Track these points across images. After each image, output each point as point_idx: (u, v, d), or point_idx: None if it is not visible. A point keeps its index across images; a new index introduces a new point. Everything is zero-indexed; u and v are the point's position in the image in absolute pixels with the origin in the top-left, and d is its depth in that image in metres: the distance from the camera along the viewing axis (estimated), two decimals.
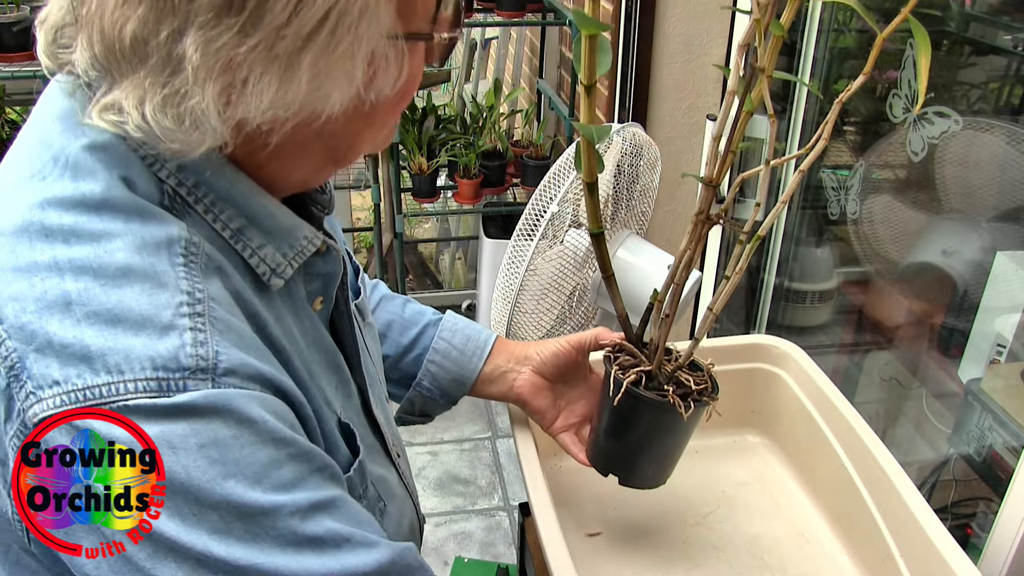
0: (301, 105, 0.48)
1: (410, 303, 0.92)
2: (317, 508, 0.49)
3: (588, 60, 0.62)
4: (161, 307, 0.46)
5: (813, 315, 1.85)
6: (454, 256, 3.43)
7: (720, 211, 0.74)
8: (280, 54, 0.46)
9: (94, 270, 0.46)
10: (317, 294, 0.61)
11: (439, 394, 0.89)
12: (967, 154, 1.32)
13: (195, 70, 0.45)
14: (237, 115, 0.47)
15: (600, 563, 0.93)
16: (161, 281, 0.47)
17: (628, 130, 1.16)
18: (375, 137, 0.57)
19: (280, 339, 0.54)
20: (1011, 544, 0.89)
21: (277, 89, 0.47)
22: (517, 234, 1.07)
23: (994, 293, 1.27)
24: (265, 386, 0.49)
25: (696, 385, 0.80)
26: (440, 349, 0.88)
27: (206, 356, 0.46)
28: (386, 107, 0.53)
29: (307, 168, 0.56)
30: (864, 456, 0.90)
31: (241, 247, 0.53)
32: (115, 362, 0.44)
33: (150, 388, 0.44)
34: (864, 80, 0.63)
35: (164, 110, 0.46)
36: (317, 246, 0.58)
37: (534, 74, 3.15)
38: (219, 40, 0.45)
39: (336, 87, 0.48)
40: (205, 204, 0.52)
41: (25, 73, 2.04)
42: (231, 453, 0.45)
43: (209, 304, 0.47)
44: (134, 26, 0.45)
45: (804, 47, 1.61)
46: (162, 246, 0.48)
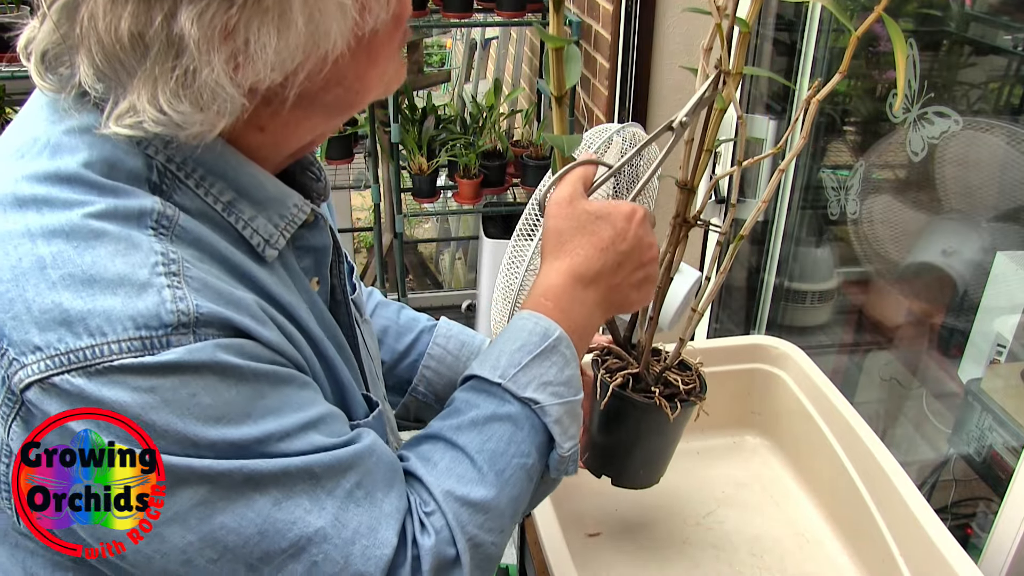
0: (305, 50, 0.49)
1: (405, 310, 0.92)
2: (306, 427, 0.51)
3: (556, 72, 0.63)
4: (136, 266, 0.46)
5: (813, 315, 1.85)
6: (454, 256, 3.43)
7: (695, 213, 0.74)
8: (269, 4, 0.46)
9: (67, 233, 0.46)
10: (311, 273, 0.62)
11: (434, 399, 0.89)
12: (967, 154, 1.32)
13: (197, 44, 0.46)
14: (248, 77, 0.48)
15: (600, 563, 0.93)
16: (134, 242, 0.47)
17: (628, 130, 1.16)
18: (382, 76, 0.57)
19: (282, 295, 0.55)
20: (1011, 544, 0.89)
21: (277, 40, 0.47)
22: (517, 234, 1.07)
23: (994, 293, 1.27)
24: (243, 336, 0.49)
25: (684, 385, 0.80)
26: (435, 355, 0.88)
27: (186, 311, 0.46)
28: (384, 36, 0.54)
29: (318, 123, 0.57)
30: (864, 456, 0.90)
31: (234, 219, 0.54)
32: (96, 324, 0.45)
33: (134, 348, 0.45)
34: (840, 79, 0.63)
35: (179, 94, 0.47)
36: (307, 213, 0.58)
37: (534, 74, 3.15)
38: (210, 9, 0.45)
39: (332, 20, 0.49)
40: (195, 179, 0.52)
41: (25, 73, 2.05)
42: (219, 397, 0.47)
43: (184, 264, 0.48)
44: (128, 23, 0.45)
45: (804, 47, 1.61)
46: (132, 216, 0.48)
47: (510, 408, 0.60)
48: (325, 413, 0.53)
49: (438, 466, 0.58)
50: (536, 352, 0.61)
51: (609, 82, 1.99)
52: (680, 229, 0.76)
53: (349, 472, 0.52)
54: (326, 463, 0.51)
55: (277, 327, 0.53)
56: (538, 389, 0.60)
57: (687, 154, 0.74)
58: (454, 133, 2.54)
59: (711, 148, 0.72)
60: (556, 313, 0.63)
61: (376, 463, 0.55)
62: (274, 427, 0.49)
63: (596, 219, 0.66)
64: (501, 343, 0.63)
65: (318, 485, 0.50)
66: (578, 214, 0.66)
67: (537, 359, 0.61)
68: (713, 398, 0.84)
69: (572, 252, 0.65)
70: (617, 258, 0.66)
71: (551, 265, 0.65)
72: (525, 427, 0.60)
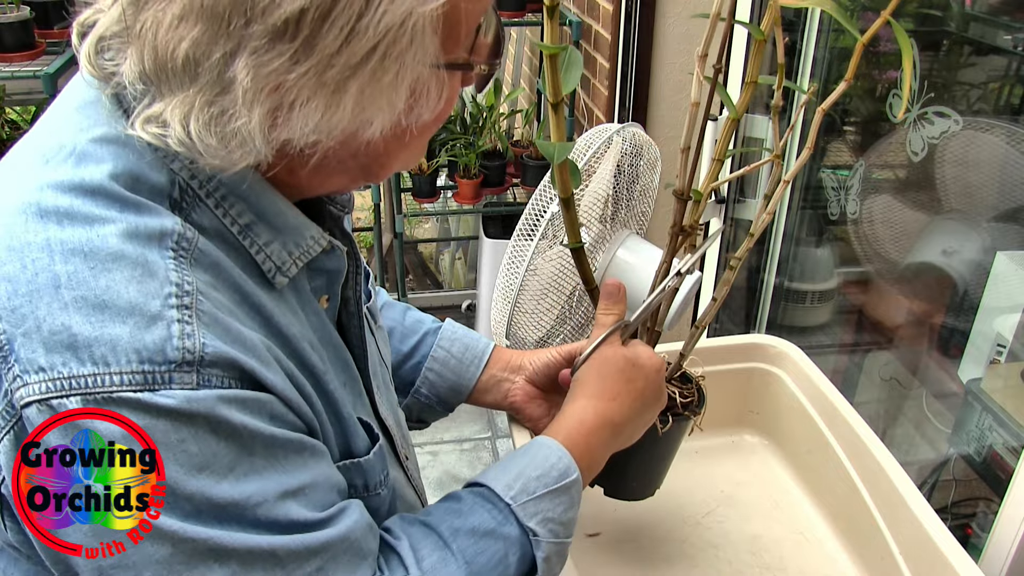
0: (343, 130, 0.49)
1: (410, 311, 0.93)
2: (287, 494, 0.50)
3: (551, 78, 0.63)
4: (150, 296, 0.46)
5: (813, 315, 1.85)
6: (454, 256, 3.43)
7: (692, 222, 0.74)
8: (328, 81, 0.46)
9: (85, 253, 0.46)
10: (322, 292, 0.62)
11: (436, 401, 0.90)
12: (967, 154, 1.32)
13: (244, 93, 0.46)
14: (281, 137, 0.48)
15: (600, 563, 0.93)
16: (151, 270, 0.47)
17: (628, 130, 1.16)
18: (408, 156, 0.58)
19: (289, 327, 0.55)
20: (1011, 544, 0.89)
21: (323, 114, 0.48)
22: (517, 234, 1.07)
23: (994, 293, 1.27)
24: (246, 380, 0.49)
25: (682, 398, 0.79)
26: (439, 357, 0.89)
27: (192, 348, 0.46)
28: (422, 128, 0.54)
29: (340, 182, 0.58)
30: (864, 456, 0.90)
31: (248, 243, 0.54)
32: (101, 353, 0.45)
33: (135, 381, 0.45)
34: (846, 87, 0.63)
35: (210, 129, 0.47)
36: (323, 247, 0.59)
37: (534, 74, 3.15)
38: (270, 65, 0.45)
39: (379, 114, 0.49)
40: (216, 198, 0.52)
41: (25, 73, 2.05)
42: (207, 448, 0.47)
43: (197, 296, 0.48)
44: (187, 46, 0.45)
45: (804, 47, 1.61)
46: (154, 237, 0.48)
47: (510, 530, 0.60)
48: (311, 482, 0.53)
49: (424, 561, 0.57)
50: (551, 488, 0.63)
51: (609, 82, 1.99)
52: (678, 239, 0.75)
53: (314, 558, 0.51)
54: (292, 548, 0.50)
55: (281, 368, 0.52)
56: (541, 522, 0.62)
57: (683, 163, 0.73)
58: (454, 133, 2.54)
59: (721, 158, 0.71)
60: (581, 451, 0.66)
61: (346, 549, 0.54)
62: (253, 489, 0.48)
63: (633, 365, 0.72)
64: (522, 462, 0.64)
65: (278, 566, 0.49)
66: (617, 358, 0.72)
67: (549, 495, 0.63)
68: (712, 397, 0.84)
69: (612, 398, 0.70)
70: (644, 408, 0.72)
71: (591, 403, 0.70)
72: (517, 553, 0.61)
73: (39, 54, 2.13)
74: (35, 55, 2.12)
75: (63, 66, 2.06)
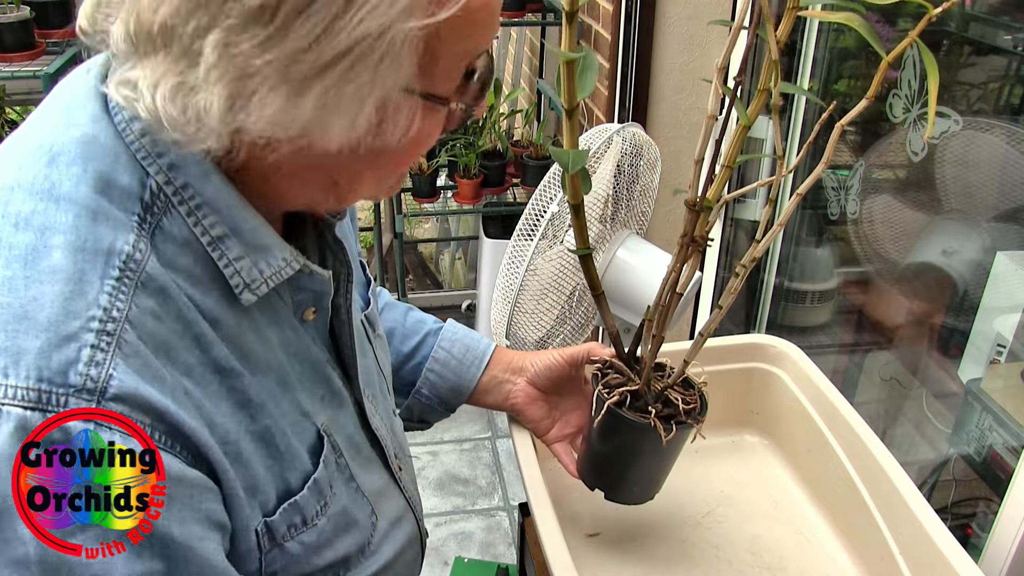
0: (299, 131, 0.48)
1: (412, 311, 0.92)
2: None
3: (567, 85, 0.61)
4: (72, 316, 0.45)
5: (813, 315, 1.85)
6: (454, 256, 3.43)
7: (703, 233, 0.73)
8: (293, 76, 0.46)
9: (26, 261, 0.46)
10: (307, 305, 0.61)
11: (437, 402, 0.90)
12: (967, 154, 1.32)
13: (208, 69, 0.46)
14: (237, 122, 0.48)
15: (600, 563, 0.93)
16: (83, 289, 0.46)
17: (628, 130, 1.16)
18: (378, 183, 0.57)
19: (228, 359, 0.53)
20: (1011, 544, 0.89)
21: (280, 108, 0.47)
22: (517, 234, 1.07)
23: (994, 293, 1.27)
24: (156, 418, 0.47)
25: (684, 404, 0.79)
26: (439, 358, 0.88)
27: (96, 378, 0.45)
28: (391, 156, 0.53)
29: (309, 194, 0.56)
30: (864, 456, 0.90)
31: (218, 256, 0.53)
32: (3, 364, 0.44)
33: (28, 398, 0.44)
34: (867, 104, 0.62)
35: (173, 99, 0.47)
36: (296, 269, 0.57)
37: (534, 74, 3.15)
38: (239, 46, 0.45)
39: (338, 122, 0.48)
40: (189, 206, 0.51)
41: (25, 73, 2.05)
42: None
43: (124, 325, 0.47)
44: (167, 11, 0.45)
45: (804, 47, 1.61)
46: (100, 254, 0.47)
47: None
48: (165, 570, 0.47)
49: None
50: None
51: (609, 82, 1.99)
52: (687, 248, 0.74)
53: None
54: None
55: (200, 414, 0.50)
56: None
57: (696, 175, 0.72)
58: (454, 133, 2.54)
59: (731, 165, 0.70)
60: None
61: None
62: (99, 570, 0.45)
63: None
64: None
65: None
66: None
67: None
68: (712, 397, 0.84)
69: None
70: None
71: None
72: None
73: (39, 54, 2.13)
74: (35, 55, 2.12)
75: (63, 66, 2.06)
